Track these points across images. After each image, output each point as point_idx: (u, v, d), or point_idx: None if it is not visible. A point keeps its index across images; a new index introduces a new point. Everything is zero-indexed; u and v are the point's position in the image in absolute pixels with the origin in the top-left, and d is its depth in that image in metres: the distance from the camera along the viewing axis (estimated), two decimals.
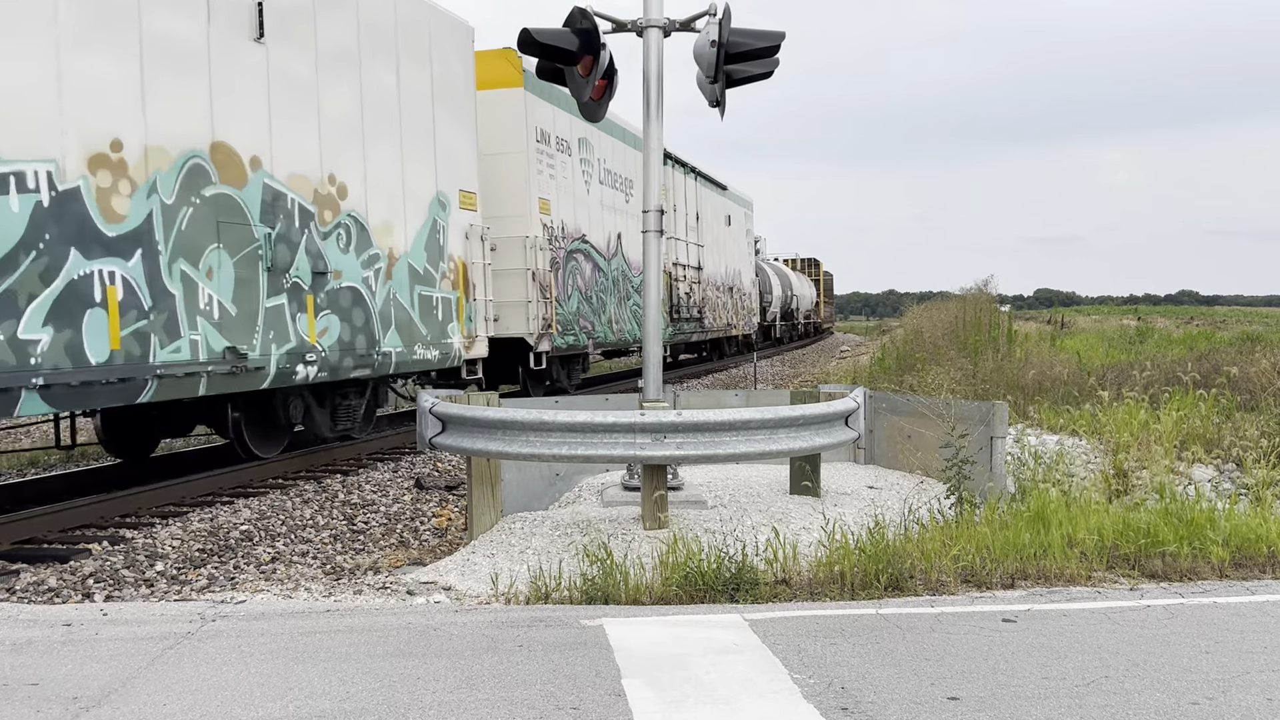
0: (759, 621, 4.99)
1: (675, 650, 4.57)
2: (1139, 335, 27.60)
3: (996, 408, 7.85)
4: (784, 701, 3.98)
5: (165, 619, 5.24)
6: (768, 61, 7.54)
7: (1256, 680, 4.17)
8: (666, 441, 6.71)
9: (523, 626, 4.99)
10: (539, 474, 8.58)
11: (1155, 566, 5.96)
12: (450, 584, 6.09)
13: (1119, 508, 6.76)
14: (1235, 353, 15.84)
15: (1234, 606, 5.23)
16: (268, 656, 4.56)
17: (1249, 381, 12.17)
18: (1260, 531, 6.27)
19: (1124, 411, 10.00)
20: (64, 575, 6.73)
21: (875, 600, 5.41)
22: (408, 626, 5.02)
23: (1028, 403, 12.44)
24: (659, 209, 7.61)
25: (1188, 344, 21.72)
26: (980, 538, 6.10)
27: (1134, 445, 8.94)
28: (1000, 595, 5.51)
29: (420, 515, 9.01)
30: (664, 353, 15.28)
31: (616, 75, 7.75)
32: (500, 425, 6.88)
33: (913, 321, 28.37)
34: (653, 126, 7.55)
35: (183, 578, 6.80)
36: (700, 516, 7.40)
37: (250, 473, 10.50)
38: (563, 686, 4.15)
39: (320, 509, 9.18)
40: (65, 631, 5.03)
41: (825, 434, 7.34)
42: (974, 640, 4.70)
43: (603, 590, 5.54)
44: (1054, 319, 37.84)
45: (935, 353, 18.11)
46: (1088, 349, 20.32)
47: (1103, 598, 5.42)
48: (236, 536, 8.03)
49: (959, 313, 22.79)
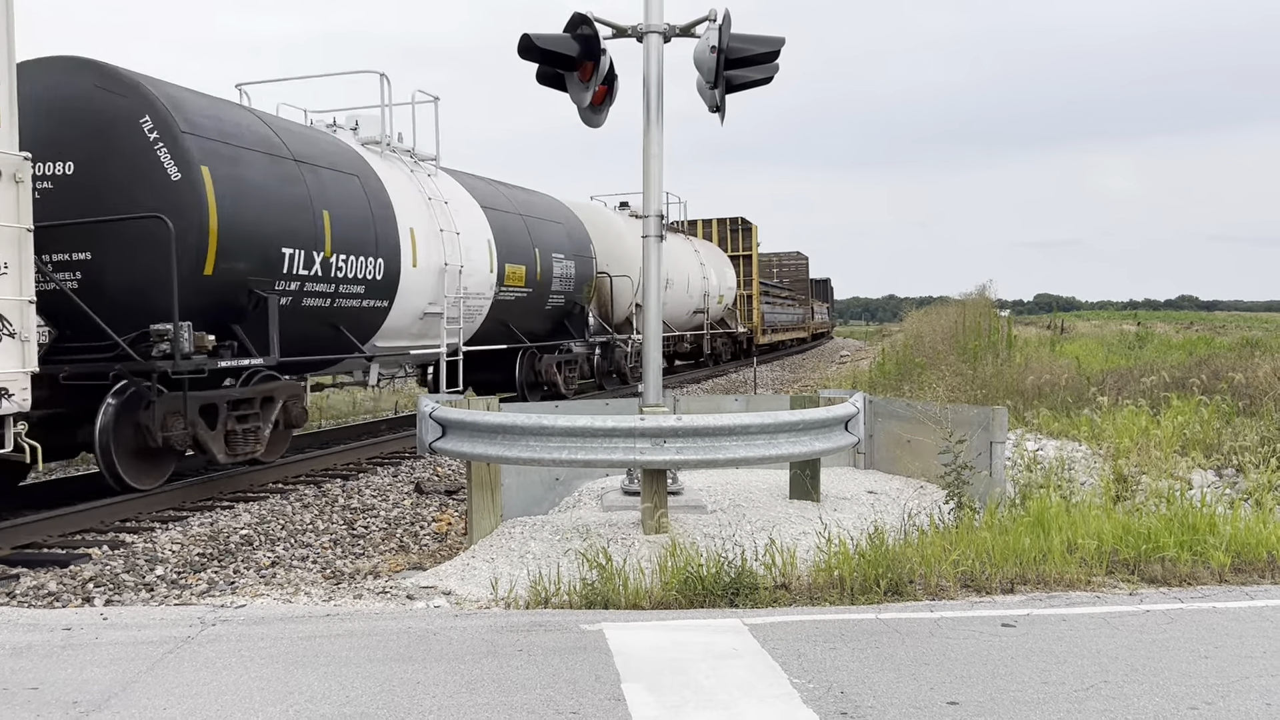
0: (759, 626, 4.99)
1: (675, 655, 4.57)
2: (1139, 340, 27.62)
3: (996, 413, 7.85)
4: (784, 706, 3.98)
5: (165, 623, 5.24)
6: (768, 67, 7.56)
7: (1255, 685, 4.17)
8: (666, 446, 6.71)
9: (522, 631, 4.99)
10: (539, 479, 8.59)
11: (1155, 571, 5.96)
12: (450, 589, 6.09)
13: (1119, 513, 6.77)
14: (1235, 358, 15.85)
15: (1233, 612, 5.23)
16: (267, 661, 4.56)
17: (1249, 387, 12.19)
18: (1260, 536, 6.27)
19: (1124, 416, 10.02)
20: (64, 580, 6.73)
21: (875, 605, 5.41)
22: (407, 631, 5.02)
23: (1027, 408, 12.45)
24: (659, 215, 7.62)
25: (1187, 349, 21.74)
26: (980, 543, 6.10)
27: (1134, 450, 8.95)
28: (1000, 600, 5.51)
29: (420, 520, 9.01)
30: None
31: (617, 81, 7.76)
32: (500, 430, 6.89)
33: (913, 326, 28.39)
34: (653, 132, 7.57)
35: (183, 582, 6.80)
36: (700, 521, 7.40)
37: (250, 478, 10.50)
38: (562, 691, 4.15)
39: (320, 513, 9.18)
40: (65, 636, 5.03)
41: (825, 439, 7.34)
42: (973, 645, 4.70)
43: (602, 595, 5.54)
44: (1054, 324, 37.88)
45: (935, 358, 18.13)
46: (1087, 354, 20.34)
47: (1102, 603, 5.42)
48: (236, 541, 8.03)
49: (959, 317, 22.81)
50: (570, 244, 18.19)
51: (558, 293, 17.44)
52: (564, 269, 17.65)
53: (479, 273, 14.57)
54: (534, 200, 17.92)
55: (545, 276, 16.81)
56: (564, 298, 17.75)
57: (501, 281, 15.21)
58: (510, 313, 15.83)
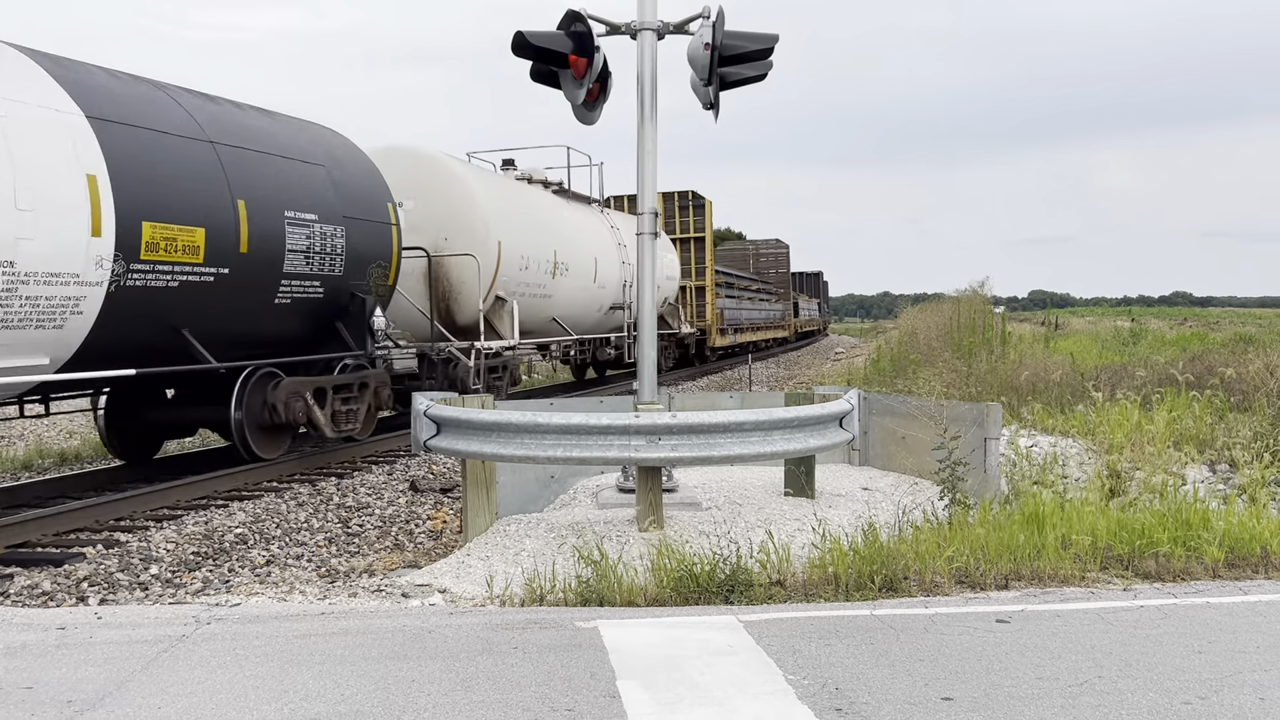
0: (754, 623, 5.00)
1: (670, 652, 4.57)
2: (1133, 336, 27.69)
3: (990, 409, 7.86)
4: (778, 703, 3.98)
5: (160, 622, 5.23)
6: (761, 64, 7.56)
7: (1249, 680, 4.19)
8: (661, 443, 6.71)
9: (518, 629, 4.99)
10: (534, 476, 8.59)
11: (1149, 567, 5.98)
12: (445, 586, 6.09)
13: (1113, 508, 6.78)
14: (1229, 354, 15.89)
15: (1227, 607, 5.25)
16: (262, 659, 4.56)
17: (1242, 382, 12.21)
18: (1254, 532, 6.29)
19: (1118, 412, 10.04)
20: (58, 579, 6.72)
21: (870, 601, 5.42)
22: (403, 629, 5.02)
23: (1022, 404, 12.47)
24: (653, 212, 7.63)
25: (1181, 345, 21.80)
26: (974, 539, 6.11)
27: (1128, 446, 8.98)
28: (994, 596, 5.52)
29: (415, 518, 9.01)
30: None
31: (610, 78, 7.76)
32: (495, 427, 6.89)
33: (907, 323, 28.41)
34: (647, 129, 7.57)
35: (177, 581, 6.80)
36: (695, 518, 7.41)
37: (245, 476, 10.48)
38: (558, 688, 4.15)
39: (315, 512, 9.17)
40: (60, 635, 5.02)
41: (819, 435, 7.35)
42: (968, 641, 4.71)
43: (597, 592, 5.55)
44: (1048, 320, 37.98)
45: (930, 354, 18.15)
46: (1081, 350, 20.38)
47: (1096, 598, 5.44)
48: (231, 540, 8.02)
49: (953, 314, 22.84)
50: (336, 199, 11.49)
51: (302, 279, 10.98)
52: (318, 238, 11.09)
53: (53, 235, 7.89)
54: (264, 127, 11.07)
55: (264, 249, 10.31)
56: (321, 286, 11.32)
57: (136, 254, 8.68)
58: (182, 308, 9.42)
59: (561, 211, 18.75)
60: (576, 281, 18.58)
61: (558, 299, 17.82)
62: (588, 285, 19.23)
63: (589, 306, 19.59)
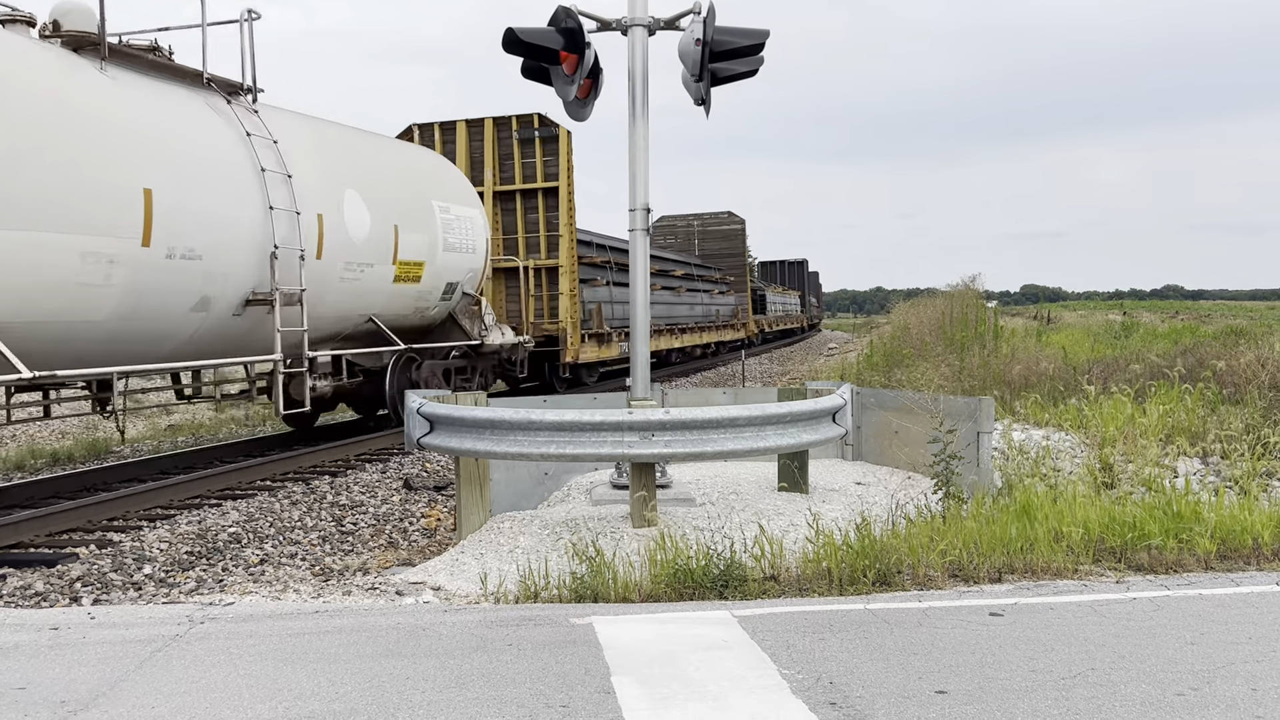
0: (747, 618, 5.00)
1: (664, 647, 4.58)
2: (1124, 330, 27.74)
3: (983, 403, 7.88)
4: (773, 697, 3.99)
5: (153, 622, 5.22)
6: (752, 59, 7.55)
7: (1241, 671, 4.20)
8: (654, 439, 6.72)
9: (512, 625, 4.99)
10: (527, 473, 8.58)
11: (1141, 559, 6.00)
12: (439, 584, 6.08)
13: (1105, 501, 6.80)
14: (1220, 346, 15.93)
15: (1219, 598, 5.27)
16: (256, 658, 4.56)
17: (1234, 375, 12.25)
18: (1245, 523, 6.31)
19: (1110, 406, 10.07)
20: (51, 579, 6.70)
21: (863, 595, 5.43)
22: (397, 627, 5.02)
23: (1014, 398, 12.49)
24: (646, 208, 7.62)
25: (1173, 338, 21.85)
26: (967, 532, 6.12)
27: (1120, 439, 9.00)
28: (987, 589, 5.53)
29: (409, 516, 9.00)
30: None
31: (602, 74, 7.75)
32: (488, 425, 6.88)
33: (900, 318, 28.43)
34: (638, 125, 7.56)
35: (171, 580, 6.78)
36: (689, 514, 7.41)
37: (238, 475, 10.47)
38: (552, 685, 4.15)
39: (309, 510, 9.16)
40: (53, 635, 5.01)
41: (812, 430, 7.36)
42: (961, 634, 4.73)
43: (592, 589, 5.55)
44: (1040, 314, 38.04)
45: (923, 349, 18.17)
46: (1073, 344, 20.41)
47: (1089, 591, 5.45)
48: (224, 539, 8.01)
49: (946, 309, 22.87)
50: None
51: None
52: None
53: None
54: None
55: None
56: None
57: None
58: None
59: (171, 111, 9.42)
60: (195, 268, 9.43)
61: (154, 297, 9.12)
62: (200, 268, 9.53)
63: (178, 306, 9.50)
